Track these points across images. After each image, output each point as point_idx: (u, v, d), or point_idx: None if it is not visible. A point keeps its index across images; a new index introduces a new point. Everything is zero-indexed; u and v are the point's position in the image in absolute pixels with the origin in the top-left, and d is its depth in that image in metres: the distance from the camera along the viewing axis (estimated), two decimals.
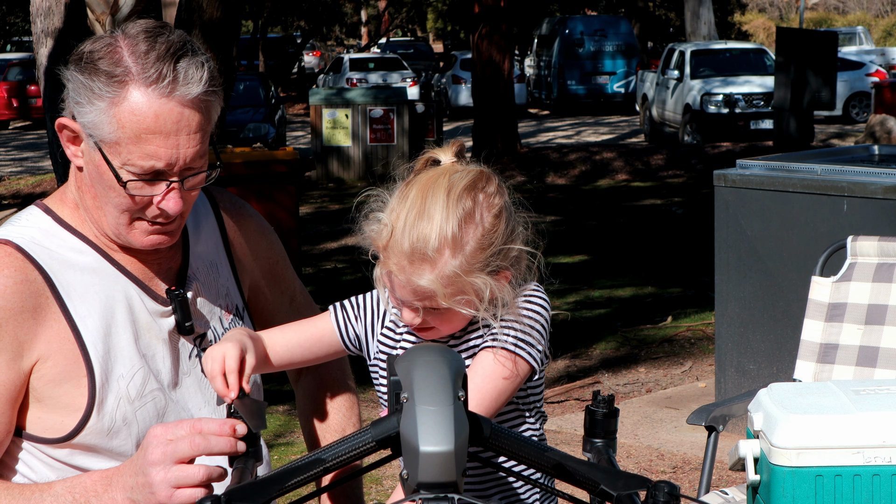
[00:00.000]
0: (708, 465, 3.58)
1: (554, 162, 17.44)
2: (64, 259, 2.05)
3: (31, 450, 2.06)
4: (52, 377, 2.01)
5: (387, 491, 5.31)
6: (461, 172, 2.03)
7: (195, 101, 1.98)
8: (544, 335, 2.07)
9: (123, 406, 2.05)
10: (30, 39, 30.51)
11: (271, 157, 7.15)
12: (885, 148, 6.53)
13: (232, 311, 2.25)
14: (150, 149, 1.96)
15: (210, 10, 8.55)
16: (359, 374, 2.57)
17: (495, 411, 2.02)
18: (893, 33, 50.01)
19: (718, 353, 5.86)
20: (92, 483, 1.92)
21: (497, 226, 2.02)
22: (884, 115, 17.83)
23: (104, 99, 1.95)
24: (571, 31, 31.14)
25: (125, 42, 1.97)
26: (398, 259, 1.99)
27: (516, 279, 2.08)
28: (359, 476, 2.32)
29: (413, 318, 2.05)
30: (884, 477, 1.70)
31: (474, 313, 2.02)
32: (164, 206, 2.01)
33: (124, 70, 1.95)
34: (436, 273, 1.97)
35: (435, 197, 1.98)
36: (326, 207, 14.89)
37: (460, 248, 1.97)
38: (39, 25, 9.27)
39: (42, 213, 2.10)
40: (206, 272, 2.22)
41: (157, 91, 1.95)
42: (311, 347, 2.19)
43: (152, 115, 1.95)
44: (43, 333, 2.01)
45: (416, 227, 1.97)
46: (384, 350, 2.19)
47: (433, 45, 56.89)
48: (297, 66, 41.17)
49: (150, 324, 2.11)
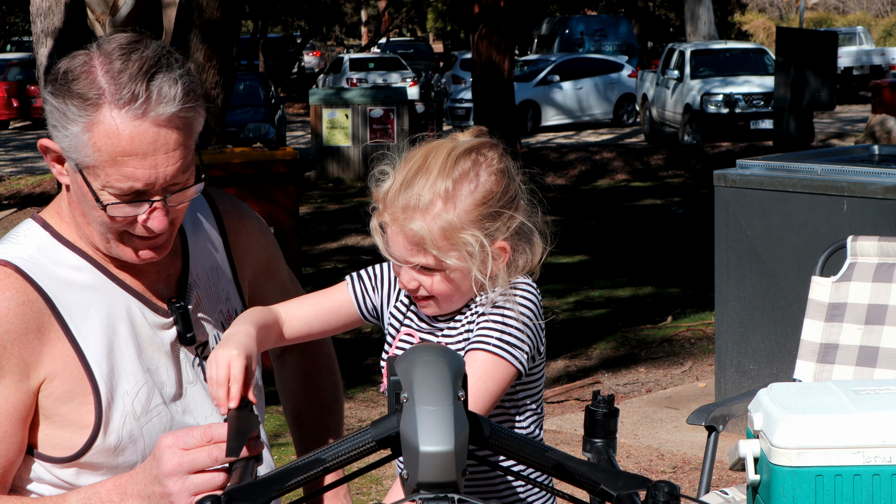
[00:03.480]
0: (708, 465, 3.58)
1: (553, 162, 17.44)
2: (63, 279, 2.04)
3: (40, 471, 2.05)
4: (59, 395, 2.00)
5: (387, 491, 5.31)
6: (468, 138, 2.10)
7: (171, 118, 1.94)
8: (532, 335, 2.07)
9: (130, 423, 2.04)
10: (30, 39, 30.50)
11: (271, 157, 7.14)
12: (885, 148, 6.54)
13: (232, 316, 2.24)
14: (128, 171, 1.93)
15: (210, 10, 8.55)
16: (359, 373, 2.57)
17: (486, 413, 2.02)
18: (893, 33, 50.01)
19: (718, 353, 5.86)
20: (106, 492, 1.91)
21: (495, 187, 2.05)
22: (884, 115, 17.83)
23: (78, 124, 1.93)
24: (571, 31, 31.17)
25: (100, 60, 1.94)
26: (392, 209, 2.04)
27: (516, 262, 2.09)
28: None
29: (409, 279, 2.07)
30: (884, 477, 1.70)
31: (463, 266, 2.03)
32: (149, 224, 1.99)
33: (98, 92, 1.92)
34: (427, 221, 2.01)
35: (437, 156, 2.05)
36: (325, 207, 14.89)
37: (453, 202, 2.02)
38: (39, 25, 9.28)
39: (40, 228, 2.09)
40: (206, 278, 2.21)
41: (130, 113, 1.91)
42: (328, 320, 2.20)
43: (127, 137, 1.92)
44: (48, 353, 2.00)
45: (413, 181, 2.03)
46: (392, 323, 2.19)
47: (433, 45, 56.90)
48: (297, 66, 41.17)
49: (151, 337, 2.10)
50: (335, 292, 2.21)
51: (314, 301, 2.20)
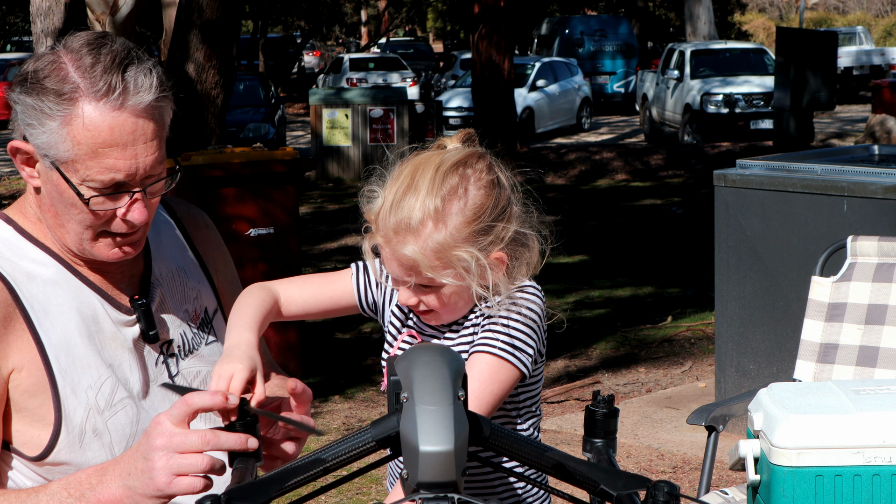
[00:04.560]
0: (708, 465, 3.58)
1: (553, 162, 17.44)
2: (27, 271, 2.04)
3: (18, 465, 2.06)
4: (27, 388, 2.01)
5: (387, 491, 5.31)
6: (454, 151, 2.06)
7: (147, 108, 1.96)
8: (536, 337, 2.07)
9: (93, 417, 2.04)
10: (30, 39, 30.49)
11: (271, 157, 7.13)
12: (885, 148, 6.54)
13: (200, 315, 2.24)
14: (109, 162, 1.95)
15: (210, 10, 8.55)
16: (359, 373, 2.57)
17: (489, 416, 2.02)
18: (893, 33, 50.01)
19: (718, 353, 5.86)
20: (86, 476, 1.91)
21: (485, 201, 2.03)
22: (884, 115, 17.84)
23: (56, 118, 1.94)
24: (571, 31, 31.15)
25: (69, 57, 1.96)
26: (385, 231, 2.03)
27: (515, 269, 2.08)
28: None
29: (409, 297, 2.07)
30: (884, 477, 1.70)
31: (461, 284, 2.03)
32: (130, 217, 2.00)
33: (73, 86, 1.93)
34: (419, 244, 2.00)
35: (424, 173, 2.02)
36: (325, 207, 14.89)
37: (443, 221, 2.00)
38: (39, 25, 9.29)
39: (2, 222, 2.09)
40: (171, 277, 2.21)
41: (108, 104, 1.93)
42: (326, 307, 2.22)
43: (107, 128, 1.94)
44: (14, 343, 2.00)
45: (403, 201, 2.01)
46: (393, 322, 2.19)
47: (433, 45, 56.91)
48: (297, 66, 41.17)
49: (114, 333, 2.10)
50: (338, 281, 2.21)
51: (316, 287, 2.21)
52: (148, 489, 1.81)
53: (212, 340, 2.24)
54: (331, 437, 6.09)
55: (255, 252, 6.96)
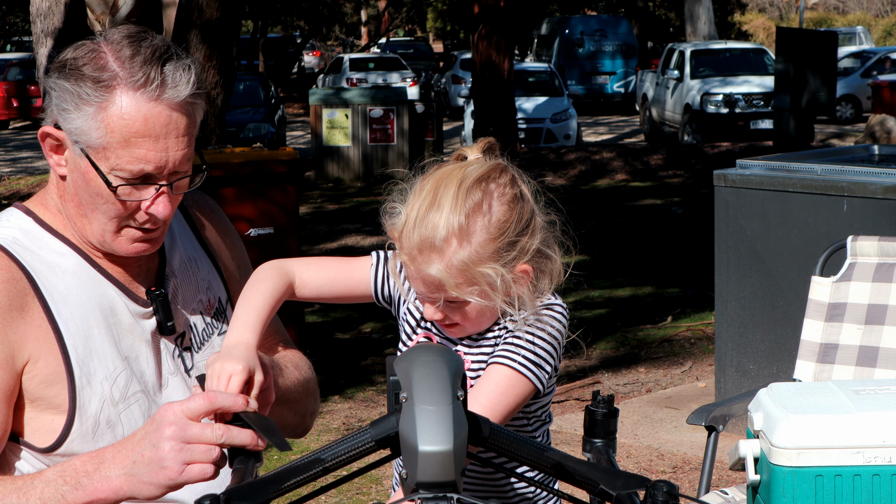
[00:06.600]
0: (708, 465, 3.58)
1: (553, 162, 17.44)
2: (46, 261, 2.05)
3: (26, 456, 2.05)
4: (43, 378, 2.01)
5: (386, 491, 5.31)
6: (476, 165, 2.04)
7: (183, 103, 1.98)
8: (556, 355, 2.07)
9: (108, 409, 2.05)
10: (30, 39, 30.52)
11: (271, 157, 7.13)
12: (885, 148, 6.54)
13: (215, 305, 2.25)
14: (140, 152, 1.96)
15: (210, 10, 8.56)
16: (358, 373, 2.57)
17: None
18: (893, 33, 50.03)
19: (718, 353, 5.86)
20: (82, 463, 1.90)
21: (509, 216, 2.01)
22: (883, 115, 17.85)
23: (92, 104, 1.95)
24: (571, 31, 31.15)
25: (109, 48, 1.98)
26: (409, 249, 2.00)
27: (539, 281, 2.07)
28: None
29: (434, 312, 2.05)
30: (884, 477, 1.70)
31: (487, 303, 2.01)
32: (153, 210, 2.01)
33: (111, 74, 1.95)
34: (444, 263, 1.97)
35: (447, 189, 1.99)
36: (325, 207, 14.88)
37: (468, 238, 1.98)
38: (39, 26, 9.28)
39: (23, 214, 2.10)
40: (183, 269, 2.22)
41: (145, 95, 1.95)
42: (342, 294, 2.20)
43: (141, 118, 1.95)
44: (31, 333, 2.00)
45: (426, 218, 1.98)
46: (408, 320, 2.18)
47: (433, 45, 56.92)
48: (297, 66, 41.17)
49: (132, 325, 2.10)
50: (356, 270, 2.19)
51: (334, 273, 2.18)
52: (157, 478, 1.81)
53: (225, 330, 2.24)
54: (330, 437, 6.09)
55: (255, 252, 6.93)
